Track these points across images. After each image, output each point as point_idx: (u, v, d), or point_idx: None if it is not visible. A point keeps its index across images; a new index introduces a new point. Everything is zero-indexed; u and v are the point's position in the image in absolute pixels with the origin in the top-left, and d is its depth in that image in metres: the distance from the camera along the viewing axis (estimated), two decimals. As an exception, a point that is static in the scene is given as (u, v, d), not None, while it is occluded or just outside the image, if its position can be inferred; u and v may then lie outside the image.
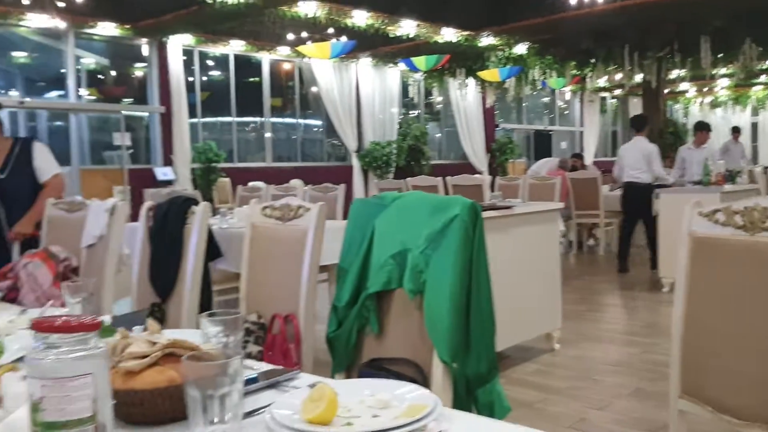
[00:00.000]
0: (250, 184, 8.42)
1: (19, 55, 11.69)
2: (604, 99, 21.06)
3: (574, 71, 13.34)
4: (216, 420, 1.03)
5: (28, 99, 11.06)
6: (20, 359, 1.42)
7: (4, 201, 3.56)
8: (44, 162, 3.55)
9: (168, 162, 12.27)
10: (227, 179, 12.58)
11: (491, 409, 1.75)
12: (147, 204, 2.87)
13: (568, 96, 19.72)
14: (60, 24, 10.01)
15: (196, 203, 2.70)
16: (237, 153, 13.87)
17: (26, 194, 3.51)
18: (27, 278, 3.03)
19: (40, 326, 0.65)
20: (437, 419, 1.07)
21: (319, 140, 15.73)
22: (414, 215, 1.87)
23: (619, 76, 12.94)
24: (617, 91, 19.55)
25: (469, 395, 1.74)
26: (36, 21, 10.19)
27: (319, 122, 15.60)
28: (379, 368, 1.82)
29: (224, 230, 4.21)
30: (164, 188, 10.43)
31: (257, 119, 14.45)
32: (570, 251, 9.39)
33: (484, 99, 16.34)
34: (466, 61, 13.80)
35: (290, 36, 11.96)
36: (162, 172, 11.94)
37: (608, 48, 11.76)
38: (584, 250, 9.73)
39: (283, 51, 13.64)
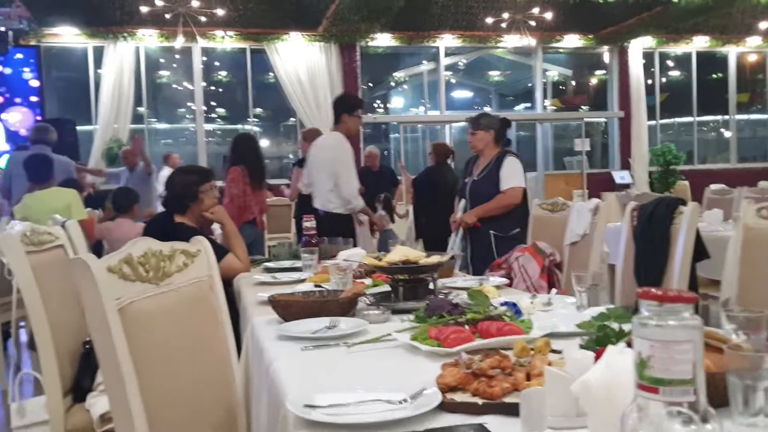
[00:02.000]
0: (713, 186, 7.86)
1: (494, 74, 13.20)
2: None
3: None
4: (759, 412, 1.05)
5: (500, 113, 12.35)
6: (548, 335, 1.65)
7: (472, 199, 4.07)
8: (507, 174, 3.93)
9: (625, 165, 12.28)
10: (686, 182, 11.99)
11: None
12: (631, 204, 2.97)
13: None
14: (531, 41, 10.91)
15: (684, 203, 2.69)
16: (697, 154, 13.10)
17: (490, 196, 3.95)
18: (519, 270, 3.43)
19: (646, 295, 0.78)
20: None
21: (795, 137, 13.82)
22: None
23: None
24: None
25: None
26: (510, 41, 11.32)
27: (795, 116, 13.72)
28: None
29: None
30: (622, 191, 10.47)
31: (719, 117, 13.42)
32: None
33: None
34: None
35: (763, 24, 10.79)
36: (619, 176, 12.00)
37: None
38: None
39: (752, 42, 12.40)
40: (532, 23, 10.27)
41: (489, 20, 10.37)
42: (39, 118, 9.75)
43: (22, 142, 8.44)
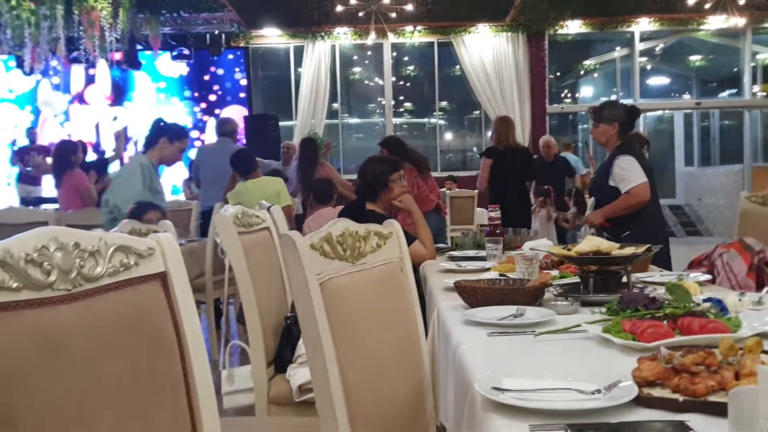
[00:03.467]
0: None
1: (695, 59, 12.21)
2: None
3: None
4: None
5: (702, 100, 11.43)
6: (759, 334, 1.51)
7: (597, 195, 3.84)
8: (624, 175, 3.49)
9: None
10: None
11: None
12: None
13: None
14: (739, 22, 9.96)
15: None
16: None
17: (600, 195, 3.67)
18: (723, 267, 3.17)
19: None
20: None
21: None
22: None
23: None
24: None
25: None
26: (714, 23, 10.40)
27: None
28: None
29: None
30: None
31: None
32: None
33: None
34: None
35: None
36: None
37: None
38: None
39: None
40: (741, 2, 9.35)
41: (691, 1, 9.62)
42: (246, 114, 10.63)
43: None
